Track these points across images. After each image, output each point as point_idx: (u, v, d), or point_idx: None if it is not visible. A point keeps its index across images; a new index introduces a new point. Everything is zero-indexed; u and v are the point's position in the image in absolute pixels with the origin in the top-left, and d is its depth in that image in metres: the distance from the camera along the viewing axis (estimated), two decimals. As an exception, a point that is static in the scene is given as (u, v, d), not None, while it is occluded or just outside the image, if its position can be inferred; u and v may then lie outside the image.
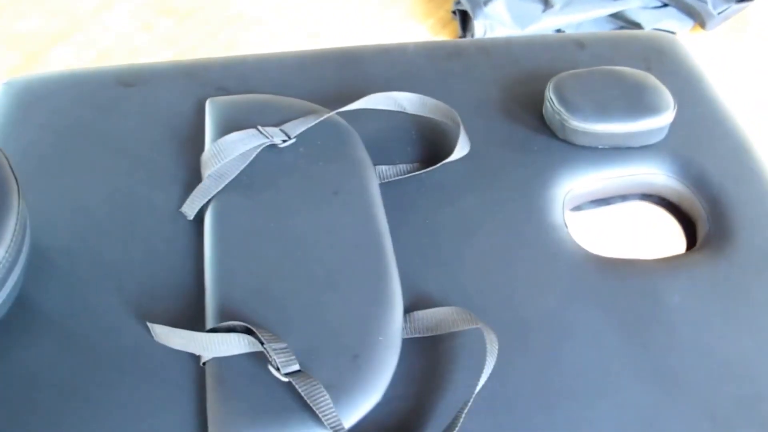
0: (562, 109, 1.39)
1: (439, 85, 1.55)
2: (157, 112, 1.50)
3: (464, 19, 3.09)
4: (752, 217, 1.39)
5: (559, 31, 3.05)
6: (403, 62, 1.64)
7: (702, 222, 1.40)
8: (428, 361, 1.19)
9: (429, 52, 1.66)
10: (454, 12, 3.14)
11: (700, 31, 3.14)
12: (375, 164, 1.38)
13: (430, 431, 1.11)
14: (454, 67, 1.62)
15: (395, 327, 1.17)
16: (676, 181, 1.47)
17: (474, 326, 1.16)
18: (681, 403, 1.15)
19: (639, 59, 1.64)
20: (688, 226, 1.48)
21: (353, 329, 1.16)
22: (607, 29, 3.07)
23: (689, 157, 1.49)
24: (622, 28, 3.07)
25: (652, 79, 1.47)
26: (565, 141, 1.44)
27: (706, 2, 3.03)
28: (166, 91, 1.56)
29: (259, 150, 1.33)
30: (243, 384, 1.11)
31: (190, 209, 1.32)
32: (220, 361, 1.12)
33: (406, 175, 1.36)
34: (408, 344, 1.19)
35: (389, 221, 1.30)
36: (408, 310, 1.22)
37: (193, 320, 1.20)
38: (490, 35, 2.93)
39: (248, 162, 1.33)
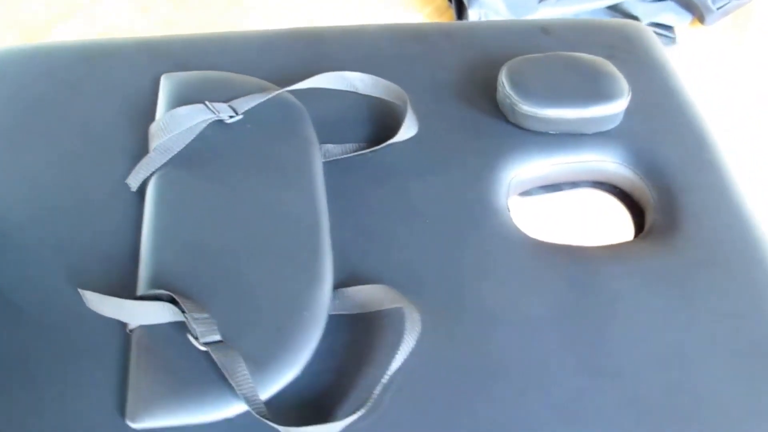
0: (513, 93, 1.39)
1: (398, 67, 1.55)
2: (115, 88, 1.51)
3: (460, 8, 3.08)
4: (701, 208, 1.37)
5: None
6: (365, 44, 1.64)
7: (650, 211, 1.40)
8: (354, 338, 1.19)
9: (392, 34, 1.66)
10: (450, 0, 3.13)
11: (699, 26, 3.10)
12: (322, 143, 1.38)
13: (348, 406, 1.11)
14: (415, 50, 1.62)
15: (322, 303, 1.18)
16: (627, 169, 1.46)
17: (399, 305, 1.16)
18: (610, 390, 1.15)
19: (603, 46, 1.63)
20: (638, 215, 1.47)
21: (279, 303, 1.17)
22: None
23: (642, 145, 1.48)
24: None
25: (608, 66, 1.46)
26: (516, 125, 1.43)
27: (705, -4, 3.00)
28: (128, 66, 1.57)
29: (205, 125, 1.34)
30: (164, 353, 1.12)
31: (134, 181, 1.33)
32: (145, 330, 1.13)
33: (351, 154, 1.36)
34: (336, 320, 1.19)
35: (333, 200, 1.30)
36: (340, 287, 1.22)
37: (128, 290, 1.21)
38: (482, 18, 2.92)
39: (194, 136, 1.33)
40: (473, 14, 2.93)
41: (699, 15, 3.02)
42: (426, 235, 1.31)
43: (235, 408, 0.98)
